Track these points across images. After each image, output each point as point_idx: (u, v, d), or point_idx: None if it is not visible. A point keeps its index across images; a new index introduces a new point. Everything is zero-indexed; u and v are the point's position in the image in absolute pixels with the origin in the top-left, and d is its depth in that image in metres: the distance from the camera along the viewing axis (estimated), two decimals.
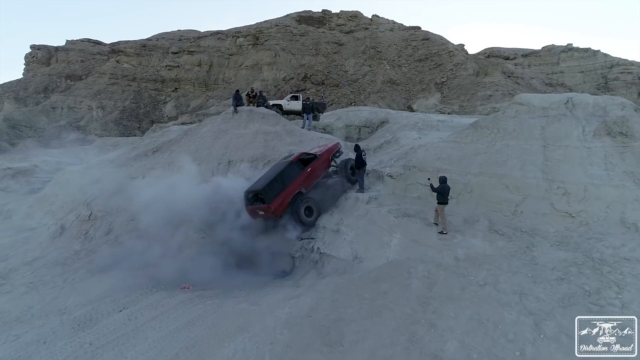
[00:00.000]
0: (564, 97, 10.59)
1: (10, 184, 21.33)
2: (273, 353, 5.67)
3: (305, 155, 10.72)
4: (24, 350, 6.50)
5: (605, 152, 8.94)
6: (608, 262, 6.89)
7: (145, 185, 11.50)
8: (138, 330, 6.52)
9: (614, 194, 8.19)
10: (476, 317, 5.96)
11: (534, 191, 8.82)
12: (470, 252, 7.74)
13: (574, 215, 8.22)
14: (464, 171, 9.77)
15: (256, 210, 9.61)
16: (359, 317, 6.23)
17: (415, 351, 5.48)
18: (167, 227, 9.93)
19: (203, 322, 6.57)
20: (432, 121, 15.82)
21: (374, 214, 9.32)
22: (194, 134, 14.46)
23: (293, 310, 6.56)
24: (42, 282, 9.50)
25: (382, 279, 7.11)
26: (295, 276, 8.88)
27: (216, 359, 5.63)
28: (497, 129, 10.46)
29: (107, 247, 9.87)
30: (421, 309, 6.24)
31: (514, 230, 8.23)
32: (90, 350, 6.15)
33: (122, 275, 8.93)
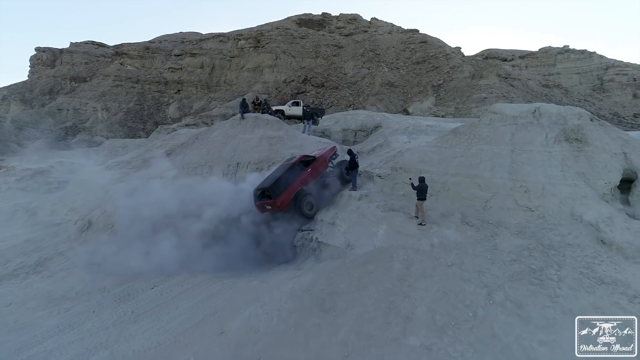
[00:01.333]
0: (532, 107, 12.06)
1: (29, 183, 22.81)
2: (280, 317, 7.15)
3: (306, 157, 12.22)
4: (77, 317, 7.99)
5: (563, 156, 10.42)
6: (554, 247, 8.38)
7: (162, 185, 13.04)
8: (169, 302, 8.02)
9: (567, 191, 9.67)
10: (442, 289, 7.45)
11: (501, 189, 10.30)
12: (444, 240, 9.22)
13: (533, 209, 9.70)
14: (442, 172, 11.26)
15: (264, 205, 11.10)
16: (349, 291, 7.71)
17: (392, 314, 6.96)
18: (184, 221, 11.40)
19: (222, 296, 8.05)
20: (422, 126, 17.31)
21: (365, 209, 10.82)
22: (205, 138, 15.95)
23: (295, 286, 8.04)
24: (78, 268, 10.97)
25: (369, 262, 8.58)
26: (297, 262, 10.37)
27: (235, 321, 7.11)
28: (474, 135, 11.94)
29: (134, 238, 11.33)
30: (399, 284, 7.72)
31: (482, 222, 9.71)
32: (132, 316, 7.64)
33: (146, 262, 10.40)
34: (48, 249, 13.00)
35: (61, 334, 7.41)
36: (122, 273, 9.77)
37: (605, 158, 10.09)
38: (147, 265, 9.58)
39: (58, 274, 10.80)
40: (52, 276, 10.86)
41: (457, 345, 6.14)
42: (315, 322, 6.99)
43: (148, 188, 12.95)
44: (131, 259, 10.01)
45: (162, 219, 10.94)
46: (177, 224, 10.62)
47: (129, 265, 10.10)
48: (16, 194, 21.42)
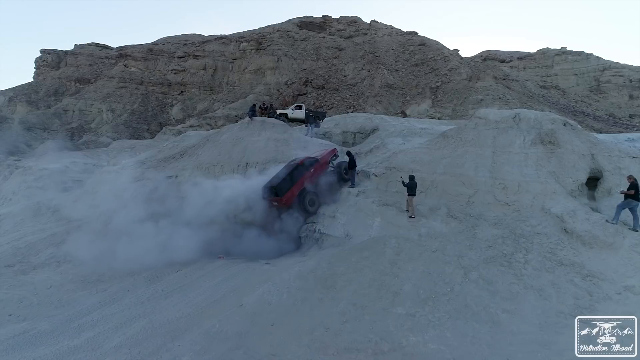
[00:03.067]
0: (512, 113, 13.38)
1: (47, 182, 24.16)
2: (289, 293, 8.46)
3: (309, 158, 13.57)
4: (114, 296, 9.32)
5: (537, 157, 11.76)
6: (525, 235, 9.72)
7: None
8: (193, 283, 9.35)
9: (539, 188, 11.01)
10: (426, 270, 8.77)
11: (483, 186, 11.63)
12: (430, 231, 10.56)
13: (510, 204, 11.03)
14: (431, 171, 12.59)
15: (271, 202, 12.45)
16: (347, 272, 9.02)
17: (383, 290, 8.28)
18: (200, 216, 12.72)
19: (238, 277, 9.38)
20: (416, 129, 18.66)
21: (362, 203, 12.17)
22: (215, 140, 17.30)
23: (302, 269, 9.36)
24: (106, 257, 12.28)
25: (365, 249, 9.89)
26: (302, 250, 11.72)
27: (251, 296, 8.42)
28: (460, 138, 13.27)
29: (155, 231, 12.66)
30: (390, 267, 9.04)
31: (465, 215, 11.04)
32: (163, 294, 8.97)
33: (166, 252, 11.73)
34: (75, 242, 14.30)
35: (103, 308, 8.73)
36: (147, 262, 11.06)
37: (574, 159, 11.44)
38: (167, 255, 10.86)
39: (89, 263, 12.09)
40: (83, 264, 12.16)
41: (436, 313, 7.46)
42: (318, 296, 8.31)
43: (168, 187, 14.30)
44: (152, 250, 11.29)
45: (179, 216, 12.27)
46: (194, 219, 11.92)
47: (151, 255, 11.38)
48: (36, 192, 22.79)
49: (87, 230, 15.12)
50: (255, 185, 12.69)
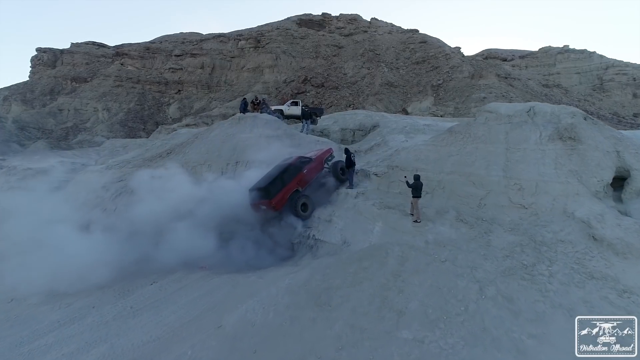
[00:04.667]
0: (526, 106, 12.19)
1: (31, 183, 23.01)
2: (276, 312, 7.30)
3: (302, 158, 12.36)
4: (77, 313, 8.16)
5: (556, 154, 10.55)
6: (547, 243, 8.53)
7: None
8: (168, 297, 8.18)
9: (559, 189, 9.81)
10: (435, 284, 7.59)
11: (496, 187, 10.44)
12: (438, 237, 9.37)
13: (527, 206, 9.84)
14: (438, 170, 11.40)
15: (259, 206, 11.25)
16: (344, 286, 7.86)
17: (386, 309, 7.10)
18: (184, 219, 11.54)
19: (220, 291, 8.21)
20: (419, 125, 17.47)
21: (361, 206, 10.98)
22: (204, 137, 16.13)
23: (292, 282, 8.19)
24: (79, 265, 11.11)
25: (364, 258, 8.72)
26: (295, 258, 10.52)
27: (232, 315, 7.27)
28: (469, 134, 12.08)
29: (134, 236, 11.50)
30: (393, 279, 7.86)
31: (476, 219, 9.86)
32: (132, 311, 7.80)
33: (146, 260, 10.55)
34: (50, 247, 13.13)
35: (62, 328, 7.58)
36: (122, 270, 9.91)
37: (598, 156, 10.23)
38: (147, 263, 9.73)
39: (60, 270, 10.93)
40: (52, 274, 10.99)
41: (449, 338, 6.28)
42: (310, 316, 7.13)
43: (150, 187, 13.13)
44: (131, 257, 10.16)
45: (162, 218, 11.09)
46: (178, 223, 10.77)
47: (129, 263, 10.24)
48: (18, 193, 21.62)
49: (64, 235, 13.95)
50: (230, 186, 11.49)
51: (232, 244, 10.55)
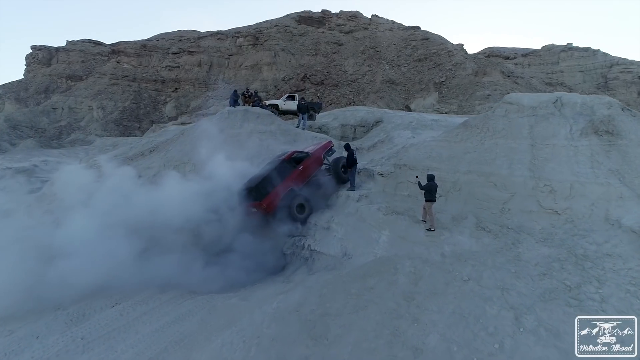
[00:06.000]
0: (552, 97, 10.70)
1: (9, 183, 21.53)
2: (259, 346, 5.81)
3: (297, 153, 10.86)
4: (17, 344, 6.65)
5: (592, 151, 9.06)
6: (590, 257, 7.02)
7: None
8: (129, 325, 6.67)
9: (599, 191, 8.31)
10: (458, 311, 6.10)
11: (521, 189, 8.95)
12: (457, 249, 7.88)
13: (560, 212, 8.34)
14: (453, 169, 9.91)
15: (249, 207, 9.76)
16: (344, 312, 6.37)
17: (398, 344, 5.61)
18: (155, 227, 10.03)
19: (192, 317, 6.72)
20: (426, 120, 15.96)
21: (364, 211, 9.48)
22: (190, 134, 14.64)
23: (281, 305, 6.70)
24: (38, 282, 9.61)
25: (369, 275, 7.24)
26: (286, 272, 9.02)
27: (204, 352, 5.78)
28: (487, 128, 10.59)
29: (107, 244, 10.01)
30: (406, 304, 6.38)
31: (500, 227, 8.37)
32: (82, 344, 6.30)
33: (116, 273, 9.05)
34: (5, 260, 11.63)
35: None
36: (85, 288, 8.39)
37: None
38: (110, 279, 8.22)
39: (6, 288, 9.42)
40: None
41: None
42: (302, 353, 5.65)
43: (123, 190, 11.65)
44: (95, 272, 8.64)
45: (133, 225, 9.59)
46: (148, 231, 9.29)
47: (93, 279, 8.71)
48: None
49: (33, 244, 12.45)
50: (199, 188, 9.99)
51: (215, 255, 9.03)
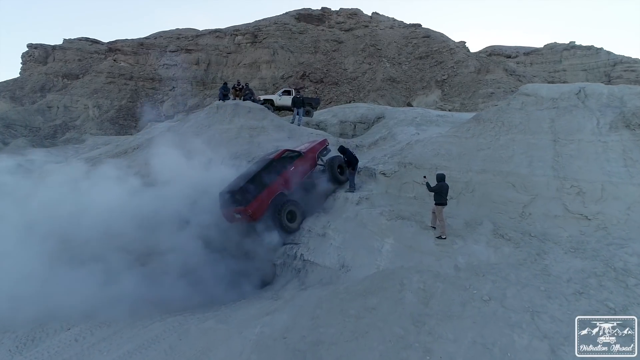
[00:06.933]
0: (575, 87, 9.62)
1: None
2: None
3: (289, 152, 9.73)
4: None
5: (624, 147, 7.97)
6: (633, 272, 5.93)
7: None
8: (83, 355, 5.57)
9: (635, 193, 7.23)
10: (480, 340, 5.00)
11: (544, 190, 7.86)
12: (473, 260, 6.79)
13: (590, 217, 7.25)
14: (465, 168, 8.81)
15: (232, 213, 8.65)
16: (341, 339, 5.28)
17: None
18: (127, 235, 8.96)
19: (159, 344, 5.60)
20: (431, 116, 14.87)
21: (365, 216, 8.36)
22: (176, 130, 13.56)
23: (265, 330, 5.61)
24: None
25: (370, 292, 6.15)
26: (275, 287, 7.91)
27: None
28: (502, 122, 9.50)
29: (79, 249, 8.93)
30: (415, 330, 5.29)
31: (522, 235, 7.27)
32: None
33: (86, 285, 7.96)
34: None
35: None
36: (45, 307, 7.28)
37: None
38: (71, 298, 7.07)
39: None
40: None
41: None
42: None
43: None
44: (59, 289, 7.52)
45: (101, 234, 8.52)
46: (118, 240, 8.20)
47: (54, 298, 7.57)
48: None
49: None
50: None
51: (194, 267, 7.90)
